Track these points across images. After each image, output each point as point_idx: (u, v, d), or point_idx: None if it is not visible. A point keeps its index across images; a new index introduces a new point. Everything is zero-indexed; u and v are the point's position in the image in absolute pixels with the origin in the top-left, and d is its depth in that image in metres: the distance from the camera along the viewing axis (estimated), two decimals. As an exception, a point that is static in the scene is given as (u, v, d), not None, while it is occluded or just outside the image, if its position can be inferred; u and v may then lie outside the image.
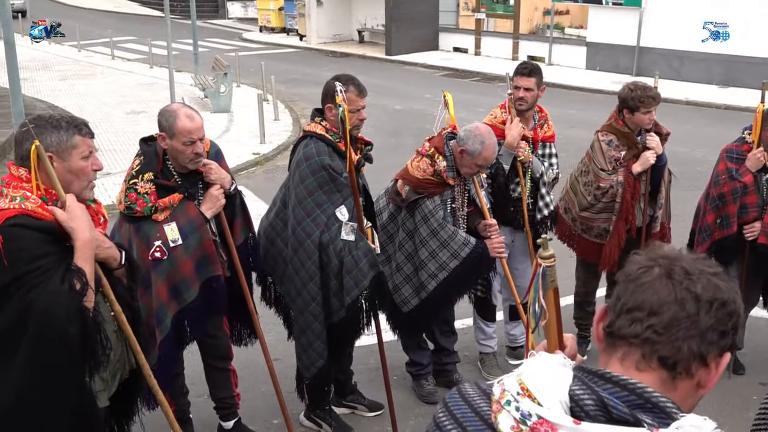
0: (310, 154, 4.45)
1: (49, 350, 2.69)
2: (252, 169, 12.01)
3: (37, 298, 2.68)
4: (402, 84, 19.13)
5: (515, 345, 5.87)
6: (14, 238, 2.72)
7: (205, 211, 4.15)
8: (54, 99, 17.10)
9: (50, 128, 2.91)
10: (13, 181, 2.89)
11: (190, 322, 4.20)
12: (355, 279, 4.48)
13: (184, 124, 3.97)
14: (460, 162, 4.75)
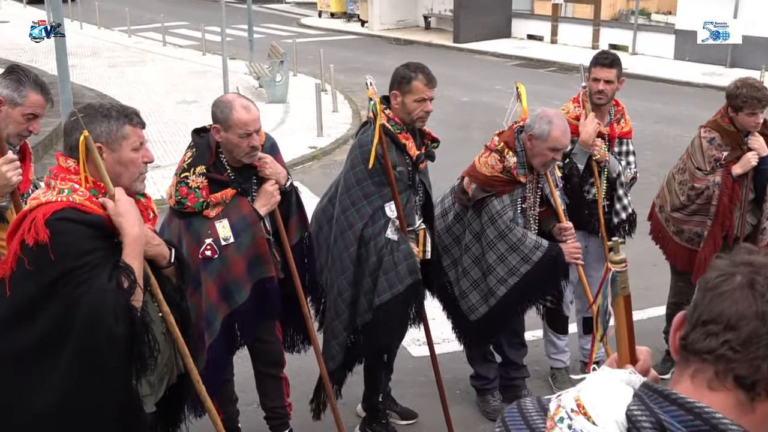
0: (364, 140, 4.52)
1: (94, 350, 2.75)
2: (308, 164, 12.10)
3: (83, 295, 2.74)
4: (470, 74, 19.05)
5: (588, 360, 5.79)
6: (62, 232, 2.78)
7: (259, 207, 4.19)
8: (103, 87, 17.52)
9: (100, 117, 2.97)
10: (61, 172, 2.95)
11: (240, 326, 4.25)
12: (390, 281, 4.51)
13: (240, 115, 4.02)
14: (531, 153, 4.71)
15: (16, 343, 2.79)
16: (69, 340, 2.74)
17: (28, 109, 3.79)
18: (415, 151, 4.62)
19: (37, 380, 2.78)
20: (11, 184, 3.64)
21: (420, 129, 4.71)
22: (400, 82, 4.51)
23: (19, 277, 2.79)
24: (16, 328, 2.79)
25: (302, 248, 4.50)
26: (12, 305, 2.80)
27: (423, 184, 4.74)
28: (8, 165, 3.63)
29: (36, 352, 2.78)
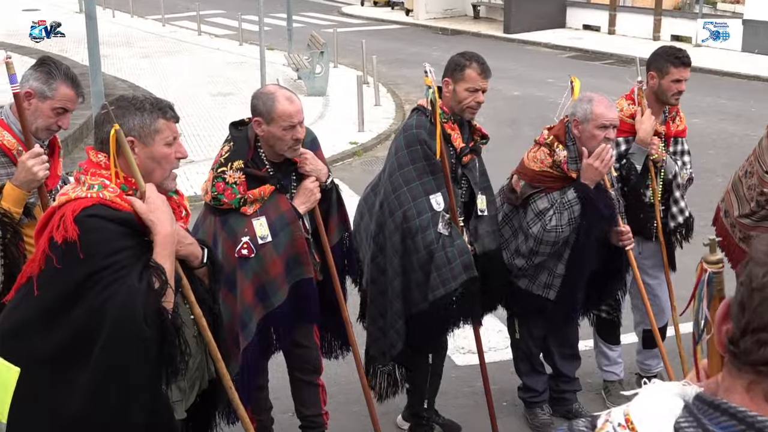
0: (409, 125, 4.61)
1: (123, 353, 2.78)
2: (348, 161, 12.14)
3: (112, 296, 2.77)
4: (522, 66, 18.96)
5: (648, 374, 5.73)
6: (91, 230, 2.81)
7: (299, 205, 4.22)
8: (135, 78, 17.74)
9: (133, 110, 3.00)
10: (91, 167, 2.98)
11: (276, 329, 4.29)
12: (443, 278, 4.53)
13: (284, 107, 4.05)
14: (582, 141, 4.67)
15: (44, 344, 2.83)
16: (97, 342, 2.78)
17: (57, 103, 3.83)
18: (460, 143, 4.63)
19: (65, 383, 2.82)
20: (37, 179, 3.70)
21: (469, 122, 4.73)
22: (454, 70, 4.57)
23: (48, 275, 2.83)
24: (44, 328, 2.83)
25: (342, 249, 4.53)
26: (40, 305, 2.84)
27: (467, 179, 4.75)
28: (34, 159, 3.70)
29: (64, 353, 2.82)
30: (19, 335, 2.88)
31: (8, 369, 2.87)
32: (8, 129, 3.79)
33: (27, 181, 3.69)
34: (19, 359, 2.86)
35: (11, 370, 2.86)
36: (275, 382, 4.98)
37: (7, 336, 2.91)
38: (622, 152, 5.06)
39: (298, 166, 4.24)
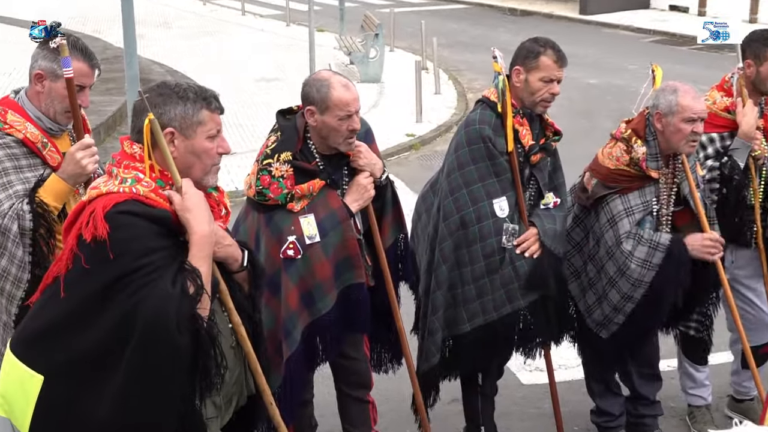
0: (471, 119, 4.60)
1: (154, 363, 2.80)
2: (405, 154, 12.13)
3: (144, 300, 2.79)
4: (599, 52, 18.78)
5: (743, 397, 5.64)
6: (123, 227, 2.83)
7: (351, 203, 4.23)
8: (173, 61, 17.96)
9: (175, 98, 3.00)
10: (125, 159, 3.00)
11: (323, 338, 4.30)
12: (510, 295, 4.55)
13: (340, 94, 4.06)
14: (666, 136, 4.61)
15: (70, 350, 2.86)
16: (127, 349, 2.80)
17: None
18: (529, 140, 4.60)
19: (92, 391, 2.85)
20: (86, 173, 3.74)
21: (540, 117, 4.69)
22: (526, 57, 4.54)
23: (75, 276, 2.86)
24: (70, 333, 2.86)
25: (397, 252, 4.53)
26: (66, 308, 2.87)
27: (536, 180, 4.72)
28: (84, 151, 3.74)
29: (91, 360, 2.84)
30: (43, 340, 2.91)
31: (31, 377, 2.91)
32: (29, 119, 3.82)
33: (75, 175, 3.73)
34: (43, 366, 2.90)
35: (34, 378, 2.90)
36: (321, 398, 5.00)
37: (31, 341, 2.95)
38: (719, 149, 4.97)
39: (351, 160, 4.24)
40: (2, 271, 3.70)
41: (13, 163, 3.75)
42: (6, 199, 3.68)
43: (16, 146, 3.77)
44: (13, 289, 3.71)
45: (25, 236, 3.67)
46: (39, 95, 3.83)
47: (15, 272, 3.70)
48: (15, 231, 3.65)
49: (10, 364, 2.99)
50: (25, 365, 2.93)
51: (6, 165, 3.73)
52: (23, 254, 3.68)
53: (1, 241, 3.67)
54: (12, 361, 2.98)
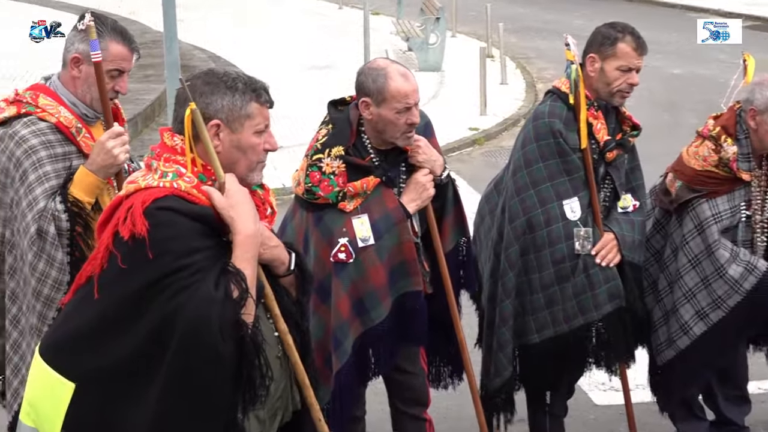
0: (540, 113, 4.61)
1: (195, 372, 2.81)
2: (467, 150, 12.12)
3: (185, 304, 2.80)
4: (684, 38, 18.52)
5: None
6: (163, 225, 2.84)
7: (408, 203, 4.24)
8: (215, 47, 18.11)
9: (223, 88, 3.01)
10: (166, 152, 3.01)
11: (376, 350, 4.31)
12: (582, 306, 4.55)
13: (398, 85, 4.07)
14: (759, 135, 4.56)
15: (104, 356, 2.88)
16: (166, 356, 2.81)
17: (110, 64, 3.87)
18: (605, 135, 4.58)
19: (128, 401, 2.87)
20: (117, 164, 3.79)
21: (617, 109, 4.67)
22: (602, 44, 4.53)
23: (111, 276, 2.88)
24: (105, 337, 2.88)
25: (458, 257, 4.52)
26: (101, 310, 2.89)
27: (611, 180, 4.71)
28: (115, 140, 3.79)
29: (127, 367, 2.86)
30: (75, 345, 2.94)
31: (62, 384, 2.93)
32: (63, 103, 3.88)
33: (105, 166, 3.78)
34: (75, 373, 2.92)
35: (64, 386, 2.92)
36: (373, 415, 5.01)
37: (62, 346, 2.98)
38: None
39: (409, 156, 4.25)
40: (41, 275, 3.76)
41: (48, 152, 3.80)
42: (42, 195, 3.74)
43: (51, 132, 3.82)
44: (53, 293, 3.76)
45: (63, 237, 3.73)
46: (75, 80, 3.89)
47: (55, 275, 3.76)
48: (52, 233, 3.71)
49: (38, 369, 3.01)
50: (55, 371, 2.94)
51: (41, 155, 3.79)
52: (62, 256, 3.74)
53: (40, 244, 3.73)
54: (41, 367, 2.99)
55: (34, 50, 6.09)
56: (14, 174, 3.80)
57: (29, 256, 3.75)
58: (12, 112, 3.86)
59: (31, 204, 3.75)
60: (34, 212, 3.73)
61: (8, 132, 3.83)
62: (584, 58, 4.62)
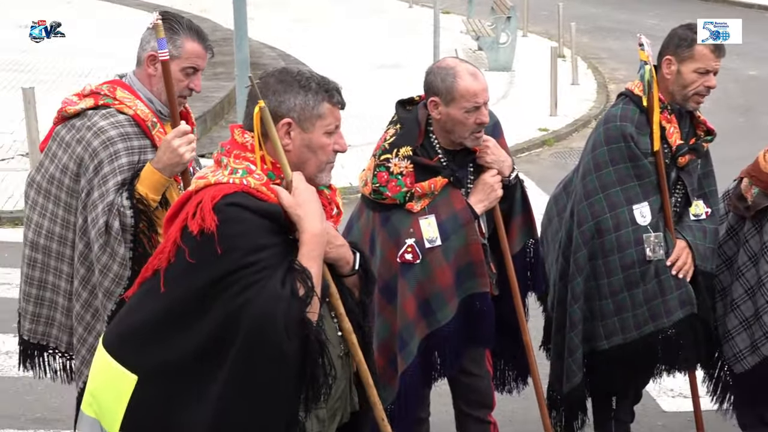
0: (611, 115, 4.59)
1: (259, 369, 2.84)
2: (537, 151, 12.08)
3: (251, 300, 2.82)
4: (761, 39, 18.25)
5: None
6: (232, 221, 2.87)
7: (475, 203, 4.24)
8: (285, 45, 18.24)
9: (297, 87, 3.04)
10: (236, 148, 3.04)
11: (441, 352, 4.31)
12: (653, 313, 4.53)
13: (467, 84, 4.07)
14: None
15: (168, 349, 2.92)
16: (230, 351, 2.84)
17: (185, 62, 3.94)
18: (677, 139, 4.54)
19: (190, 396, 2.90)
20: (183, 162, 3.85)
21: (691, 113, 4.63)
22: (678, 46, 4.49)
23: (178, 270, 2.91)
24: (170, 331, 2.92)
25: (525, 259, 4.51)
26: (166, 304, 2.93)
27: (683, 185, 4.67)
28: (181, 138, 3.84)
29: (190, 362, 2.90)
30: (139, 338, 2.98)
31: (125, 376, 2.97)
32: (139, 98, 3.95)
33: (171, 164, 3.83)
34: (138, 365, 2.96)
35: (127, 378, 2.96)
36: (437, 417, 5.01)
37: (126, 337, 3.02)
38: None
39: (477, 156, 4.25)
40: (103, 268, 3.83)
41: (125, 144, 3.86)
42: (113, 188, 3.80)
43: (128, 125, 3.89)
44: (113, 286, 3.83)
45: (126, 232, 3.80)
46: (150, 78, 3.95)
47: (116, 269, 3.82)
48: (117, 228, 3.78)
49: (101, 361, 3.06)
50: (118, 363, 2.98)
51: (118, 147, 3.85)
52: (125, 251, 3.81)
53: (105, 237, 3.80)
54: (104, 358, 3.04)
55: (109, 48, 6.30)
56: (89, 164, 3.87)
57: (95, 247, 3.83)
58: (88, 103, 3.93)
59: (103, 196, 3.82)
60: (104, 204, 3.80)
61: (86, 123, 3.90)
62: (659, 60, 4.58)
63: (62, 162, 3.95)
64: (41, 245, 4.04)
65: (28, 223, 4.10)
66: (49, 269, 4.06)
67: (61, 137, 3.98)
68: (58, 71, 14.90)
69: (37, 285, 4.10)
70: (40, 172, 4.03)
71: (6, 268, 7.82)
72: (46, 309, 4.12)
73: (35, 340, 4.18)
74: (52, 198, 3.99)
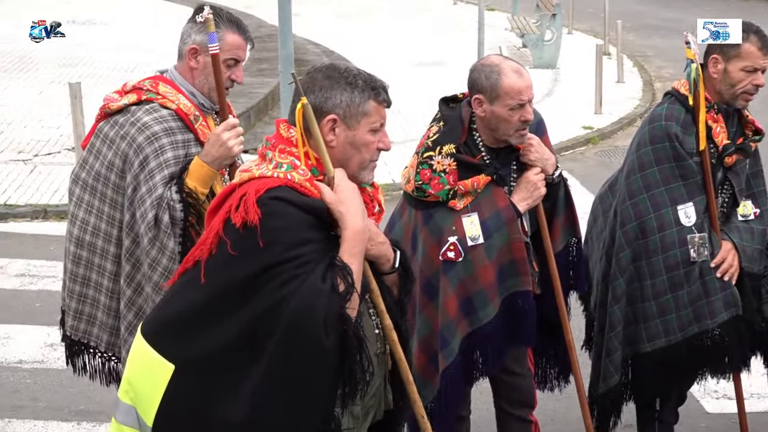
0: (656, 115, 4.59)
1: (297, 363, 2.84)
2: (581, 149, 12.02)
3: (291, 294, 2.83)
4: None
5: None
6: (275, 215, 2.87)
7: (518, 202, 4.23)
8: (328, 41, 18.27)
9: (343, 84, 3.04)
10: (281, 143, 3.05)
11: (483, 350, 4.31)
12: (697, 314, 4.50)
13: (512, 81, 4.07)
14: None
15: (206, 340, 2.92)
16: (269, 345, 2.84)
17: (226, 53, 3.96)
18: (724, 139, 4.51)
19: (226, 389, 2.90)
20: (231, 155, 3.88)
21: (738, 113, 4.60)
22: (725, 44, 4.43)
23: (219, 262, 2.91)
24: (208, 322, 2.92)
25: (568, 258, 4.51)
26: (206, 295, 2.93)
27: (730, 186, 4.63)
28: (230, 132, 3.87)
29: (228, 353, 2.90)
30: (178, 327, 2.98)
31: (161, 365, 2.97)
32: (181, 92, 3.99)
33: (220, 157, 3.86)
34: (175, 354, 2.96)
35: (165, 366, 2.96)
36: (478, 415, 5.01)
37: (164, 326, 3.03)
38: None
39: (521, 154, 4.24)
40: (152, 262, 3.86)
41: (169, 139, 3.90)
42: (160, 182, 3.84)
43: (172, 119, 3.92)
44: (162, 280, 3.86)
45: (176, 226, 3.83)
46: (193, 71, 3.98)
47: (165, 263, 3.85)
48: (166, 221, 3.81)
49: (139, 348, 3.06)
50: (156, 351, 2.99)
51: (163, 141, 3.89)
52: (174, 245, 3.84)
53: (155, 231, 3.83)
54: (142, 346, 3.04)
55: (153, 43, 6.31)
56: (134, 160, 3.90)
57: (144, 242, 3.87)
58: (131, 99, 3.97)
59: (150, 190, 3.85)
60: (152, 198, 3.83)
61: (129, 119, 3.94)
62: (706, 59, 4.55)
63: (107, 158, 3.98)
64: (86, 242, 4.07)
65: (72, 219, 4.13)
66: (92, 266, 4.10)
67: (104, 134, 4.01)
68: (104, 66, 15.05)
69: (80, 282, 4.14)
70: (85, 168, 4.07)
71: (52, 261, 7.93)
72: (89, 307, 4.16)
73: (76, 338, 4.23)
74: (97, 194, 4.03)
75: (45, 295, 7.30)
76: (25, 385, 6.00)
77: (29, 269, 7.91)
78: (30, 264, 8.04)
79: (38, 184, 10.10)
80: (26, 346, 6.48)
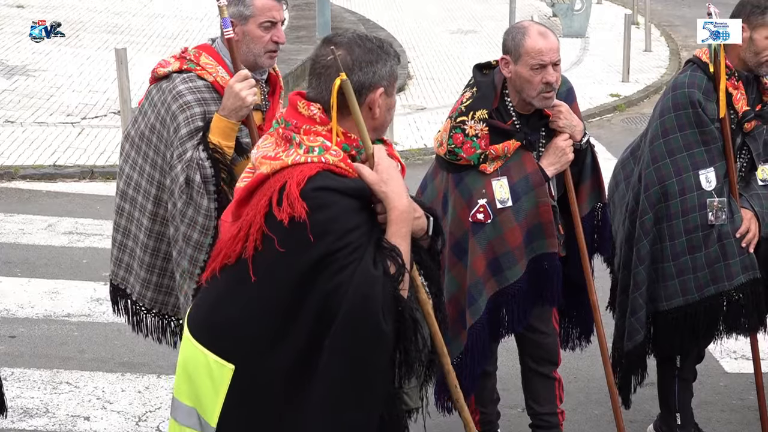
0: (679, 82, 4.54)
1: (358, 349, 2.77)
2: (608, 116, 11.95)
3: (344, 283, 2.74)
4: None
5: None
6: (322, 206, 2.75)
7: (547, 167, 4.22)
8: (365, 9, 18.21)
9: (383, 55, 2.93)
10: (304, 123, 2.86)
11: (509, 309, 4.33)
12: (715, 276, 4.48)
13: (534, 42, 4.05)
14: None
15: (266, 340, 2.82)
16: (327, 336, 2.77)
17: (261, 17, 3.95)
18: (744, 105, 4.48)
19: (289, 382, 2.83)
20: (246, 105, 3.86)
21: (758, 80, 4.56)
22: (751, 13, 4.41)
23: (268, 260, 2.79)
24: (266, 321, 2.83)
25: (594, 222, 4.50)
26: (259, 294, 2.82)
27: (748, 150, 4.60)
28: (242, 83, 3.87)
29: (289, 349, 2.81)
30: (235, 328, 2.87)
31: (221, 366, 2.88)
32: (223, 64, 3.99)
33: (235, 108, 3.86)
34: (235, 355, 2.87)
35: (224, 368, 2.87)
36: (504, 371, 5.03)
37: (219, 328, 2.91)
38: None
39: (550, 120, 4.23)
40: (190, 221, 3.89)
41: (201, 108, 3.92)
42: (191, 147, 3.87)
43: (206, 91, 3.94)
44: (201, 237, 3.90)
45: (209, 183, 3.85)
46: (237, 44, 3.96)
47: (202, 221, 3.88)
48: (198, 181, 3.83)
49: (192, 350, 2.97)
50: (211, 353, 2.89)
51: (195, 110, 3.91)
52: (208, 203, 3.86)
53: (188, 192, 3.86)
54: (195, 349, 2.95)
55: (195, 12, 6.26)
56: (170, 125, 3.95)
57: (179, 204, 3.90)
58: (175, 67, 3.99)
59: (181, 155, 3.89)
60: (183, 162, 3.87)
61: (168, 86, 3.97)
62: None
63: (150, 120, 4.03)
64: (129, 196, 4.15)
65: (120, 173, 4.22)
66: (132, 219, 4.17)
67: (151, 97, 4.06)
68: (149, 33, 15.09)
69: (122, 232, 4.22)
70: (134, 126, 4.13)
71: (98, 220, 8.02)
72: (127, 256, 4.24)
73: (116, 283, 4.32)
74: (141, 153, 4.09)
75: (92, 252, 7.37)
76: (72, 338, 6.08)
77: (77, 227, 7.99)
78: (78, 222, 8.11)
79: (86, 146, 10.18)
80: (74, 300, 6.55)
